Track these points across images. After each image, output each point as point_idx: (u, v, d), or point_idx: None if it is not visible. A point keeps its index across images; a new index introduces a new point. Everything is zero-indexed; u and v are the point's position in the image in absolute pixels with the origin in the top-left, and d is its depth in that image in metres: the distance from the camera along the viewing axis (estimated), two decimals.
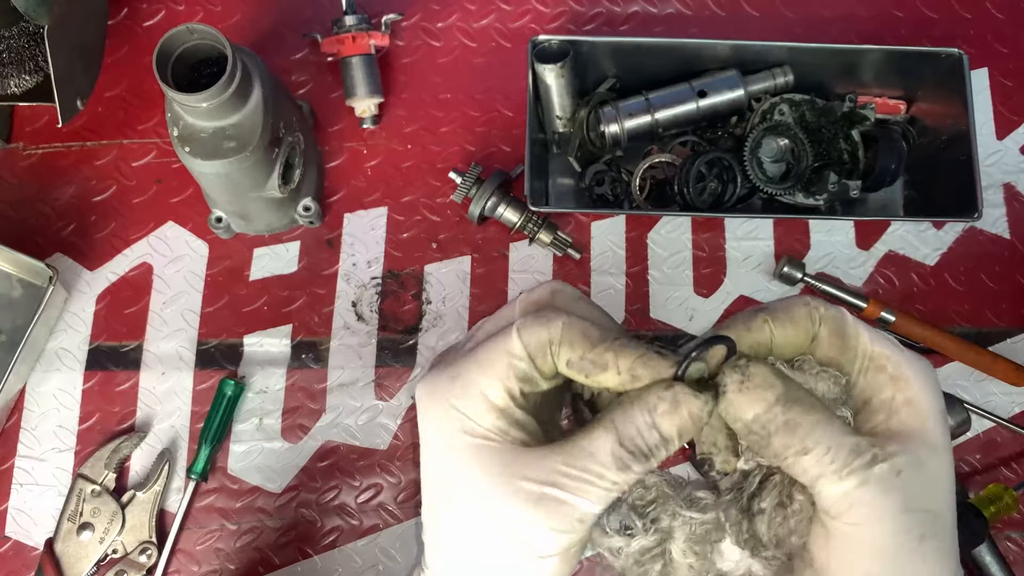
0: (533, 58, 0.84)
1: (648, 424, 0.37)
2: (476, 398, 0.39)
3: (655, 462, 0.37)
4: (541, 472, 0.38)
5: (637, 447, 0.37)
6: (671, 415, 0.37)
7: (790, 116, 0.86)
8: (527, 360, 0.39)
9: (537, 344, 0.39)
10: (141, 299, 0.87)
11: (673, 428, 0.37)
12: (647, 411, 0.37)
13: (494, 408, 0.39)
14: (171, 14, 0.94)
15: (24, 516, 0.82)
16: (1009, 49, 0.97)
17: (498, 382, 0.39)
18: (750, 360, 0.39)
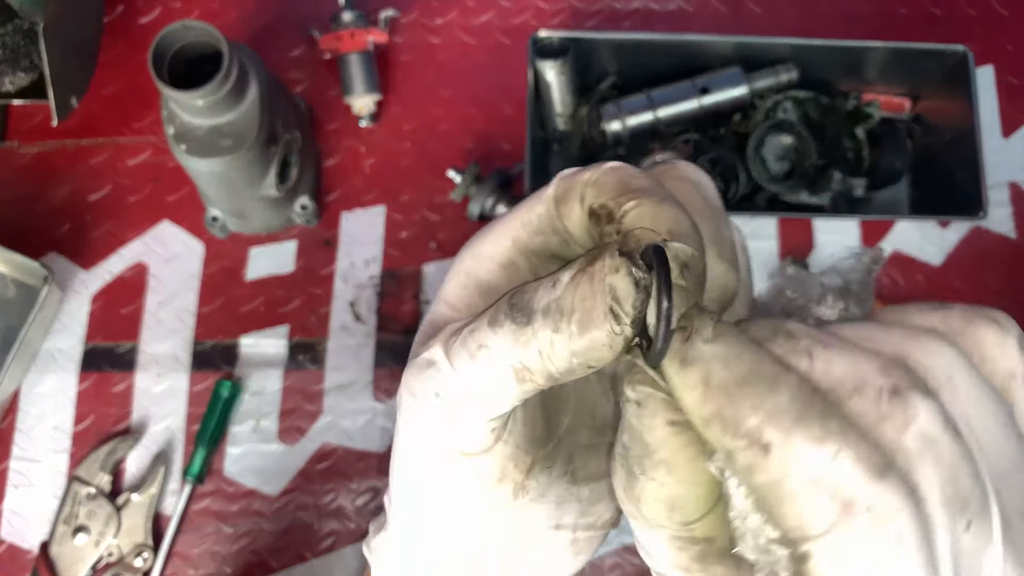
0: (534, 55, 0.83)
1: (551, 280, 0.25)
2: (486, 242, 0.31)
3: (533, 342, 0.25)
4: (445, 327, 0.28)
5: (521, 301, 0.25)
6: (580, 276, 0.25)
7: (794, 114, 0.86)
8: (551, 203, 0.28)
9: (567, 186, 0.28)
10: (136, 299, 0.86)
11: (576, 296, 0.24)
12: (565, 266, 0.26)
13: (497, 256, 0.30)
14: (167, 11, 0.93)
15: (19, 518, 0.81)
16: (1015, 47, 0.96)
17: (510, 225, 0.30)
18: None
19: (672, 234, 0.25)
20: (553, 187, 0.29)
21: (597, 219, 0.27)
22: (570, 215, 0.28)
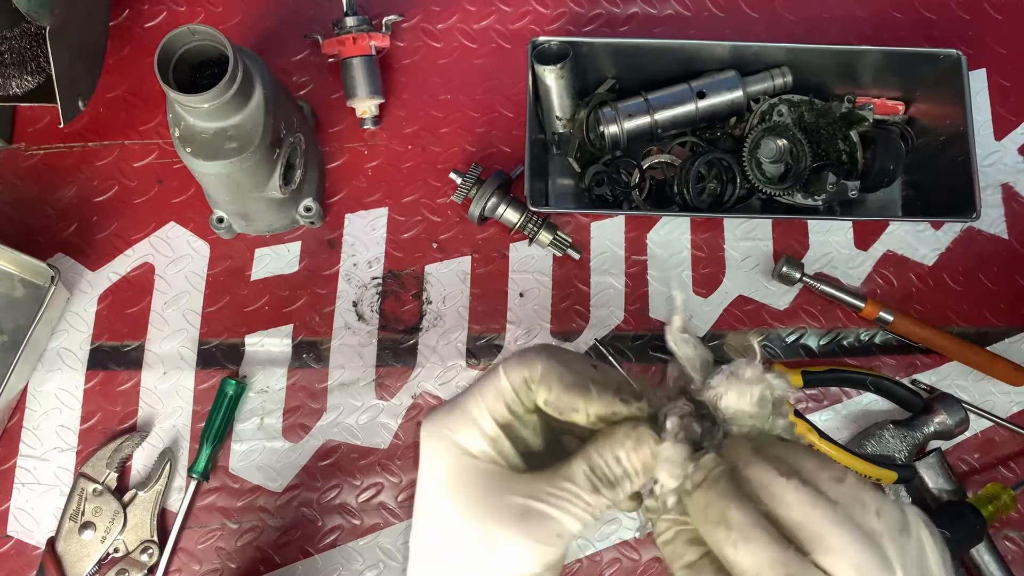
0: (533, 59, 0.84)
1: (614, 458, 0.42)
2: (469, 424, 0.44)
3: (623, 490, 0.43)
4: (527, 490, 0.42)
5: (605, 476, 0.42)
6: (635, 452, 0.42)
7: (789, 117, 0.87)
8: (512, 393, 0.44)
9: (519, 380, 0.43)
10: (143, 299, 0.87)
11: (636, 463, 0.42)
12: (616, 446, 0.42)
13: (485, 436, 0.43)
14: (172, 15, 0.94)
15: (26, 515, 0.82)
16: (1007, 50, 0.97)
17: (487, 412, 0.43)
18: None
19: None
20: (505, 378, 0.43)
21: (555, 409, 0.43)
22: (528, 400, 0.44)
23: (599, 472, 0.42)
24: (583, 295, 0.89)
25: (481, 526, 0.42)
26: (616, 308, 0.89)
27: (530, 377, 0.43)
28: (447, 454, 0.43)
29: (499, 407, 0.44)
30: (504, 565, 0.41)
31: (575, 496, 0.42)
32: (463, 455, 0.43)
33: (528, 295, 0.89)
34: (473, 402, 0.44)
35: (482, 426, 0.43)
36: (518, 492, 0.42)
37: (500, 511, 0.42)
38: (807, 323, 0.89)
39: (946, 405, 0.83)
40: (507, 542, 0.41)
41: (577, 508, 0.42)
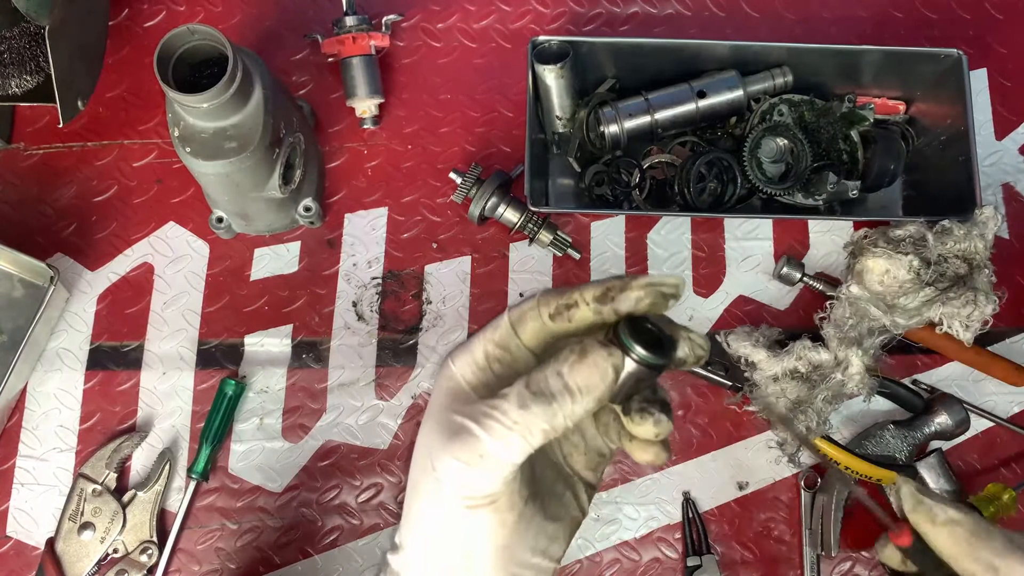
0: (533, 59, 0.84)
1: (555, 370, 0.40)
2: (465, 354, 0.45)
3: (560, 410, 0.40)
4: (467, 409, 0.42)
5: (540, 389, 0.40)
6: (577, 364, 0.40)
7: (789, 116, 0.87)
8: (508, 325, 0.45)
9: (519, 313, 0.45)
10: (142, 299, 0.87)
11: (577, 377, 0.40)
12: (558, 359, 0.41)
13: (475, 363, 0.45)
14: (172, 15, 0.94)
15: (25, 516, 0.82)
16: (1008, 50, 0.97)
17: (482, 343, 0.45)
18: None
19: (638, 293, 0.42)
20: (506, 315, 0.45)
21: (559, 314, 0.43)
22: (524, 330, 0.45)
23: (533, 386, 0.40)
24: None
25: (427, 441, 0.43)
26: None
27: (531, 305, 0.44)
28: (441, 378, 0.46)
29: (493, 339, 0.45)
30: (440, 482, 0.42)
31: (501, 413, 0.40)
32: (452, 378, 0.45)
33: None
34: (474, 337, 0.46)
35: (475, 355, 0.45)
36: (462, 411, 0.42)
37: (441, 427, 0.42)
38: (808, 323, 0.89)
39: (947, 405, 0.83)
40: (438, 458, 0.42)
41: (500, 426, 0.40)
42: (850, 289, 0.81)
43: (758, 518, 0.84)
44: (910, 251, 0.79)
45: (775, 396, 0.79)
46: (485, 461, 0.40)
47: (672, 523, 0.84)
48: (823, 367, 0.79)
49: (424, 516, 0.44)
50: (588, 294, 0.42)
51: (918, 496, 0.49)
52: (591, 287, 0.43)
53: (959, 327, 0.80)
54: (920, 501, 0.49)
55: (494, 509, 0.42)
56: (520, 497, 0.43)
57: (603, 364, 0.40)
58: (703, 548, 0.83)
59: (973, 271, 0.81)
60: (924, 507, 0.49)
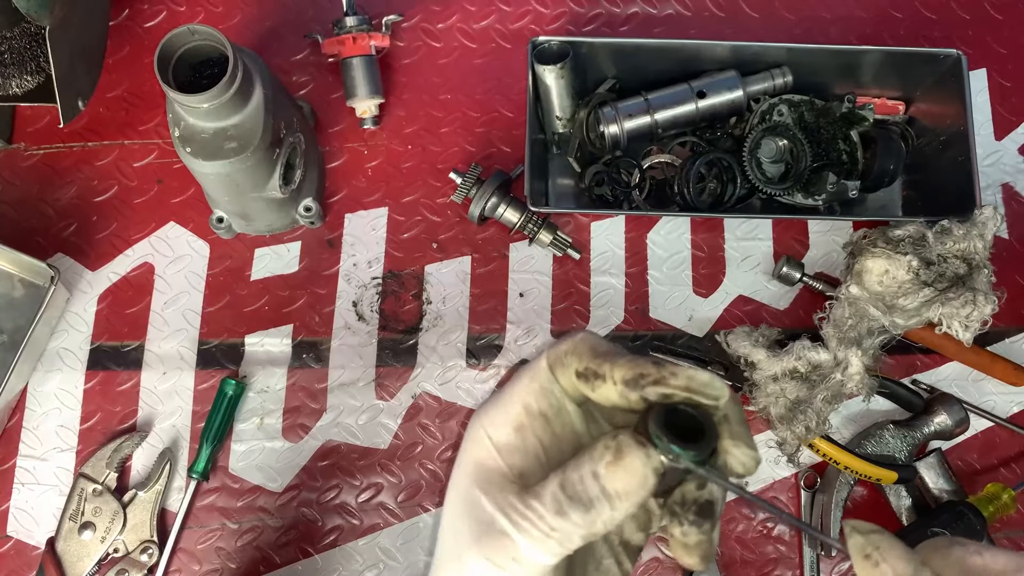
0: (533, 59, 0.84)
1: (590, 471, 0.36)
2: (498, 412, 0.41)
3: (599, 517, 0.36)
4: (501, 502, 0.38)
5: (576, 494, 0.36)
6: (612, 466, 0.36)
7: (789, 117, 0.87)
8: (547, 371, 0.40)
9: (556, 356, 0.40)
10: (142, 299, 0.87)
11: (614, 481, 0.36)
12: (592, 456, 0.36)
13: (511, 423, 0.40)
14: (172, 15, 0.94)
15: (26, 515, 0.82)
16: (1008, 50, 0.97)
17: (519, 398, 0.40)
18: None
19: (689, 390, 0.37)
20: (544, 358, 0.40)
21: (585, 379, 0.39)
22: (563, 376, 0.40)
23: (570, 490, 0.36)
24: (583, 295, 0.89)
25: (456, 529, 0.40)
26: (616, 308, 0.89)
27: (566, 349, 0.40)
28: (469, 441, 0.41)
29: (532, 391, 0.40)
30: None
31: (537, 517, 0.37)
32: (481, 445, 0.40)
33: (528, 295, 0.88)
34: (509, 388, 0.41)
35: (509, 412, 0.40)
36: (491, 500, 0.38)
37: (472, 519, 0.39)
38: (807, 323, 0.89)
39: (946, 405, 0.83)
40: (467, 552, 0.38)
41: (536, 531, 0.36)
42: (850, 289, 0.81)
43: (758, 518, 0.85)
44: (909, 251, 0.79)
45: (775, 396, 0.79)
46: (518, 566, 0.37)
47: None
48: (823, 367, 0.79)
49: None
50: (618, 373, 0.38)
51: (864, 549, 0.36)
52: (623, 365, 0.38)
53: (959, 327, 0.80)
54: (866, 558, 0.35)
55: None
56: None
57: (642, 470, 0.36)
58: None
59: (973, 271, 0.81)
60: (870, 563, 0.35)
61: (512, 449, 0.39)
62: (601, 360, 0.39)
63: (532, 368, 0.41)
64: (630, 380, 0.38)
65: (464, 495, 0.40)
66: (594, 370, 0.39)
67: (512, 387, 0.41)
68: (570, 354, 0.40)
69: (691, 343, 0.88)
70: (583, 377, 0.39)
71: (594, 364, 0.39)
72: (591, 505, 0.36)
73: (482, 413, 0.41)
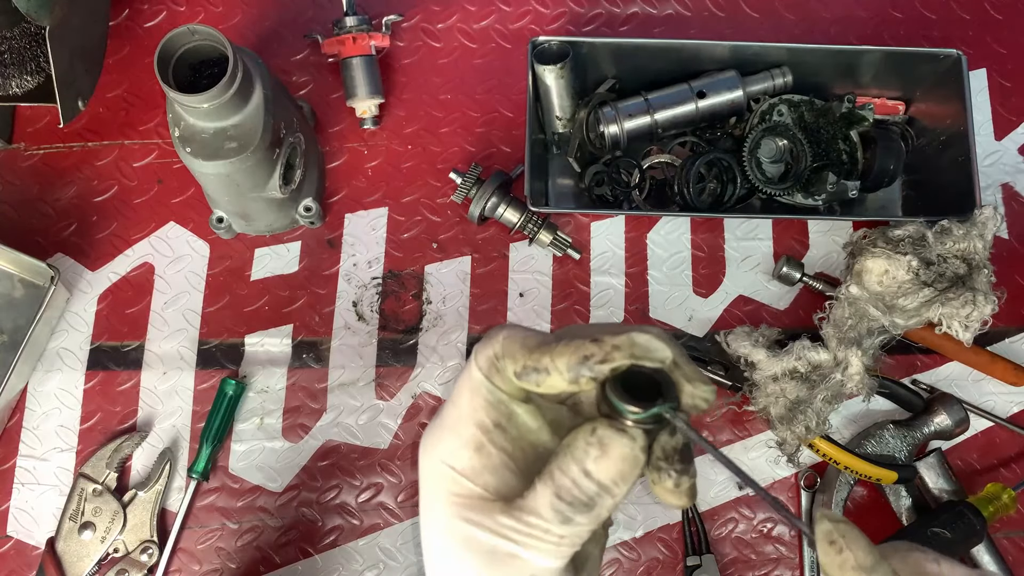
0: (533, 59, 0.84)
1: (580, 470, 0.36)
2: (451, 437, 0.39)
3: (603, 510, 0.36)
4: (494, 526, 0.37)
5: (575, 498, 0.36)
6: (602, 460, 0.36)
7: (789, 117, 0.87)
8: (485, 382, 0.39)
9: (487, 363, 0.39)
10: (142, 299, 0.87)
11: (608, 474, 0.36)
12: (579, 459, 0.36)
13: (468, 446, 0.39)
14: (172, 15, 0.94)
15: (26, 515, 0.82)
16: (1008, 50, 0.97)
17: (467, 418, 0.39)
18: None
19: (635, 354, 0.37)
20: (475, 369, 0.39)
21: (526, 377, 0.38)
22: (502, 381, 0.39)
23: (568, 496, 0.36)
24: (583, 295, 0.89)
25: (456, 570, 0.38)
26: (616, 308, 0.89)
27: (496, 353, 0.39)
28: (431, 477, 0.39)
29: (478, 407, 0.39)
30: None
31: (543, 531, 0.36)
32: (446, 477, 0.39)
33: (528, 295, 0.88)
34: (451, 409, 0.39)
35: (463, 436, 0.39)
36: (486, 528, 0.37)
37: (473, 553, 0.38)
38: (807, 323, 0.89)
39: (946, 405, 0.83)
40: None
41: (546, 544, 0.36)
42: (849, 289, 0.81)
43: (758, 518, 0.85)
44: (909, 251, 0.79)
45: (775, 396, 0.79)
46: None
47: (672, 523, 0.84)
48: (823, 367, 0.79)
49: None
50: (561, 362, 0.37)
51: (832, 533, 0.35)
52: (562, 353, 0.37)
53: (958, 327, 0.80)
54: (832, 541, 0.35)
55: None
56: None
57: (631, 454, 0.36)
58: (703, 548, 0.83)
59: (972, 271, 0.81)
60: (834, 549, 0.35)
61: (480, 470, 0.38)
62: (538, 354, 0.38)
63: (469, 382, 0.39)
64: (575, 366, 0.37)
65: (453, 533, 0.38)
66: (533, 366, 0.38)
67: (455, 408, 0.40)
68: (502, 358, 0.39)
69: (691, 343, 0.88)
70: (523, 376, 0.38)
71: (531, 361, 0.38)
72: (593, 503, 0.36)
73: (431, 445, 0.40)
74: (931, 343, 0.87)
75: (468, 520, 0.38)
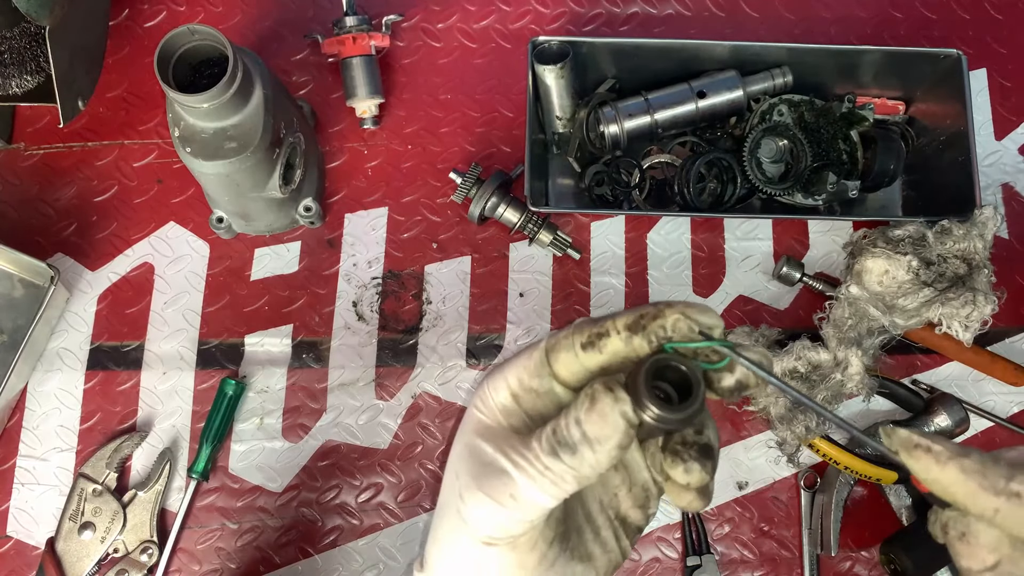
0: (533, 59, 0.84)
1: (574, 418, 0.38)
2: (498, 378, 0.43)
3: (584, 461, 0.38)
4: (501, 445, 0.41)
5: (564, 438, 0.38)
6: (590, 413, 0.38)
7: (789, 117, 0.87)
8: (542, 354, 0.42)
9: (554, 341, 0.42)
10: (142, 299, 0.87)
11: (591, 426, 0.38)
12: (576, 407, 0.39)
13: (507, 388, 0.43)
14: (172, 15, 0.94)
15: (25, 515, 0.82)
16: (1008, 50, 0.97)
17: (514, 371, 0.43)
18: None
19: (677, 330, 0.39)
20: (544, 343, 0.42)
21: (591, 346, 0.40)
22: (558, 360, 0.42)
23: (559, 434, 0.38)
24: (583, 295, 0.89)
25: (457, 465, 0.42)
26: (616, 308, 0.89)
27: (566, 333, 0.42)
28: (477, 402, 0.44)
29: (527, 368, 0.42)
30: (466, 515, 0.41)
31: (534, 456, 0.39)
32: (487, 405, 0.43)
33: (528, 295, 0.88)
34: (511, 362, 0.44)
35: (508, 380, 0.43)
36: (491, 444, 0.41)
37: (474, 462, 0.41)
38: (807, 323, 0.89)
39: (946, 405, 0.83)
40: (467, 489, 0.41)
41: (533, 469, 0.38)
42: (849, 289, 0.81)
43: (758, 518, 0.85)
44: (909, 251, 0.79)
45: (775, 396, 0.79)
46: (516, 503, 0.39)
47: (672, 523, 0.84)
48: (823, 367, 0.79)
49: (447, 543, 0.43)
50: (620, 322, 0.40)
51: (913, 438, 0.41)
52: (625, 314, 0.40)
53: (958, 327, 0.80)
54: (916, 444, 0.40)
55: (511, 548, 0.40)
56: (544, 540, 0.41)
57: (611, 413, 0.37)
58: (703, 548, 0.83)
59: (972, 271, 0.81)
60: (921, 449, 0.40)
61: (510, 412, 0.42)
62: (602, 322, 0.41)
63: (531, 349, 0.43)
64: (632, 324, 0.39)
65: (467, 443, 0.42)
66: (597, 331, 0.40)
67: (512, 362, 0.44)
68: (572, 335, 0.41)
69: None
70: (588, 346, 0.41)
71: (597, 328, 0.41)
72: (576, 448, 0.38)
73: (487, 380, 0.44)
74: (931, 343, 0.86)
75: (481, 436, 0.42)
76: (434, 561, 0.44)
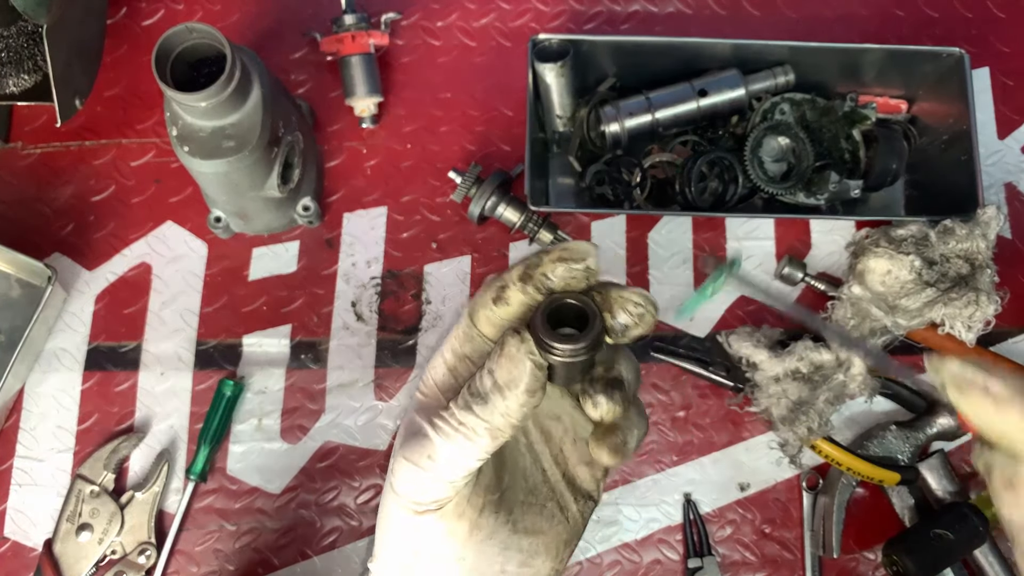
0: (533, 57, 0.84)
1: (487, 368, 0.39)
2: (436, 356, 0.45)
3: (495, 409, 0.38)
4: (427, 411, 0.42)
5: (476, 390, 0.39)
6: (500, 360, 0.38)
7: (791, 115, 0.86)
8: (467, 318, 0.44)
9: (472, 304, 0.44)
10: (140, 299, 0.86)
11: (501, 373, 0.38)
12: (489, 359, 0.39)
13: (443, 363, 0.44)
14: (170, 13, 0.94)
15: (23, 517, 0.82)
16: (1011, 48, 0.97)
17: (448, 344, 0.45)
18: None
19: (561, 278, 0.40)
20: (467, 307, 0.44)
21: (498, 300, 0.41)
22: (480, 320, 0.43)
23: (472, 388, 0.39)
24: None
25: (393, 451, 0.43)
26: None
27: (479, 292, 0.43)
28: (417, 390, 0.45)
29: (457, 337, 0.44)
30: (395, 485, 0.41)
31: (449, 415, 0.39)
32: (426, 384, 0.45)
33: None
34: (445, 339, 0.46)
35: (444, 354, 0.44)
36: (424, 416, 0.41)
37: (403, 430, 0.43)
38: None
39: (949, 406, 0.83)
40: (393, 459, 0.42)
41: (448, 427, 0.39)
42: (852, 289, 0.80)
43: (759, 519, 0.84)
44: (912, 251, 0.79)
45: (776, 397, 0.79)
46: (433, 463, 0.39)
47: (673, 525, 0.84)
48: (825, 368, 0.79)
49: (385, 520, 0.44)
50: (514, 273, 0.41)
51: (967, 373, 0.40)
52: (517, 266, 0.41)
53: (961, 328, 0.80)
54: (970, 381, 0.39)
55: (440, 516, 0.40)
56: (472, 507, 0.41)
57: (517, 355, 0.38)
58: (704, 550, 0.83)
59: (975, 271, 0.80)
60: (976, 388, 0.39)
61: (447, 387, 0.43)
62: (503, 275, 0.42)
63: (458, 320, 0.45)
64: (522, 275, 0.40)
65: (407, 420, 0.44)
66: (500, 285, 0.41)
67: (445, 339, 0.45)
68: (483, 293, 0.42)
69: (692, 344, 0.87)
70: (498, 300, 0.41)
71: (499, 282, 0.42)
72: (487, 398, 0.38)
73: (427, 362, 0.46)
74: (934, 344, 0.86)
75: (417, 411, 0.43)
76: (378, 543, 0.45)
